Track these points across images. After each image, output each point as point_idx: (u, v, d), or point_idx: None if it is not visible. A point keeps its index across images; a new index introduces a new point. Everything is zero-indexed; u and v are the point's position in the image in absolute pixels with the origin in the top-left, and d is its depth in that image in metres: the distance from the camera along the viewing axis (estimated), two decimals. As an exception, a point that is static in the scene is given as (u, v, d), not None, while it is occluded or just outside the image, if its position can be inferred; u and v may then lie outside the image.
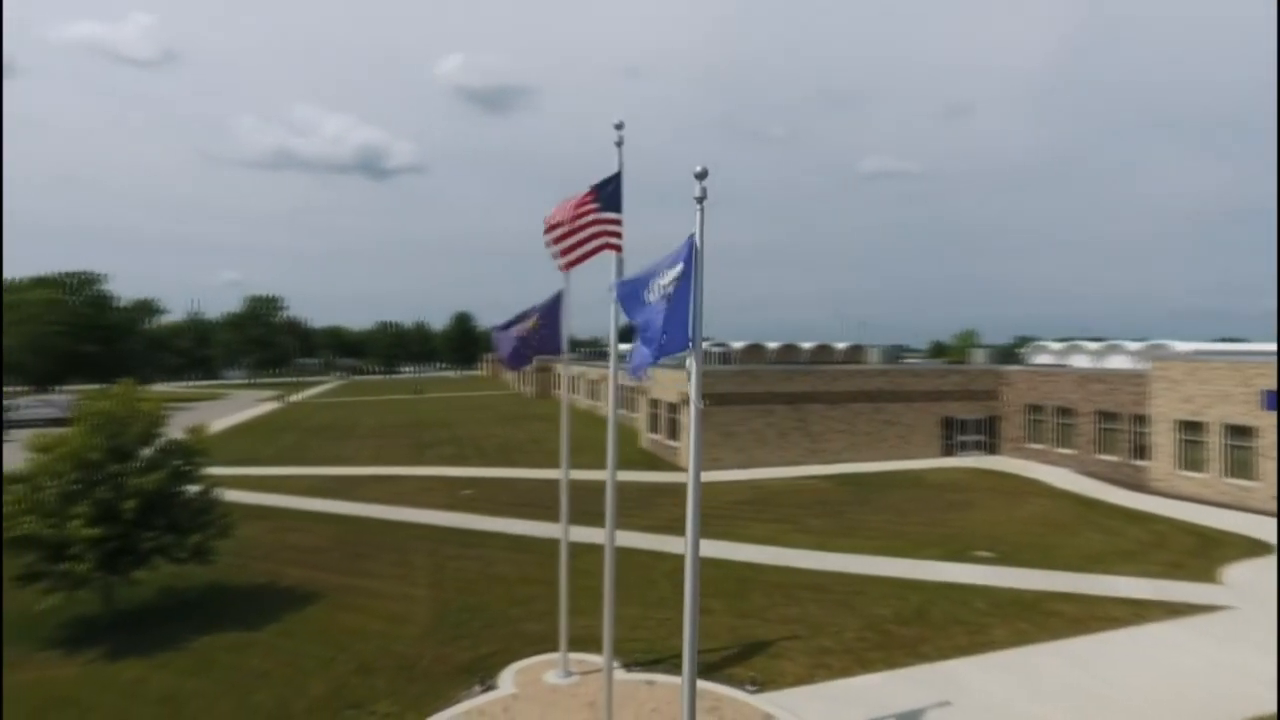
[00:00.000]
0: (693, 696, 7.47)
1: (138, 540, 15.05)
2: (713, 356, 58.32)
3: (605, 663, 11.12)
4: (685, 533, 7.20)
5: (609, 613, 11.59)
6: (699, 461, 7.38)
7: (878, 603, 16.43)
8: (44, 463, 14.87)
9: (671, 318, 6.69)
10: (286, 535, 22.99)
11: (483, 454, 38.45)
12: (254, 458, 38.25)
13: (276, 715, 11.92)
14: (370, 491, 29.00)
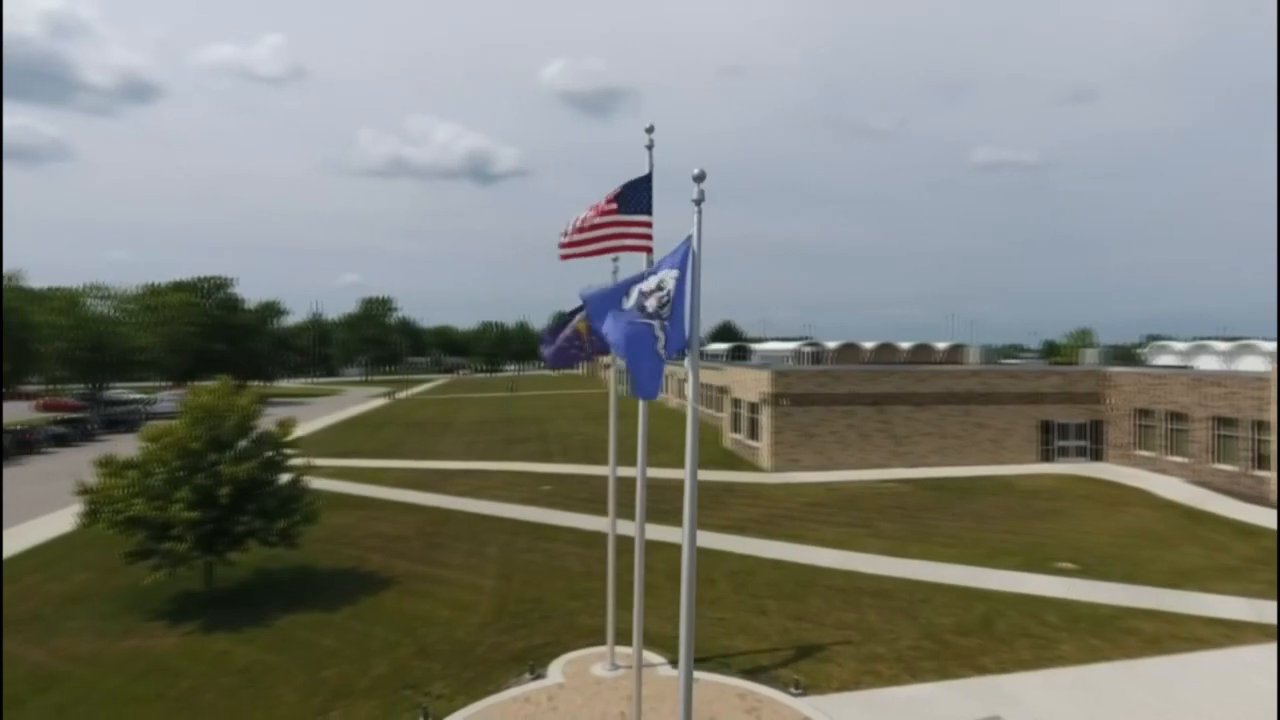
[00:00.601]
0: (688, 693, 7.57)
1: (232, 524, 16.41)
2: (804, 356, 57.40)
3: (635, 658, 11.35)
4: (682, 527, 7.31)
5: (639, 609, 11.80)
6: (695, 460, 7.48)
7: (941, 611, 15.92)
8: (153, 451, 16.45)
9: (670, 322, 6.83)
10: (374, 524, 24.36)
11: (566, 451, 39.35)
12: (358, 450, 40.58)
13: (340, 691, 12.78)
14: (457, 485, 30.29)
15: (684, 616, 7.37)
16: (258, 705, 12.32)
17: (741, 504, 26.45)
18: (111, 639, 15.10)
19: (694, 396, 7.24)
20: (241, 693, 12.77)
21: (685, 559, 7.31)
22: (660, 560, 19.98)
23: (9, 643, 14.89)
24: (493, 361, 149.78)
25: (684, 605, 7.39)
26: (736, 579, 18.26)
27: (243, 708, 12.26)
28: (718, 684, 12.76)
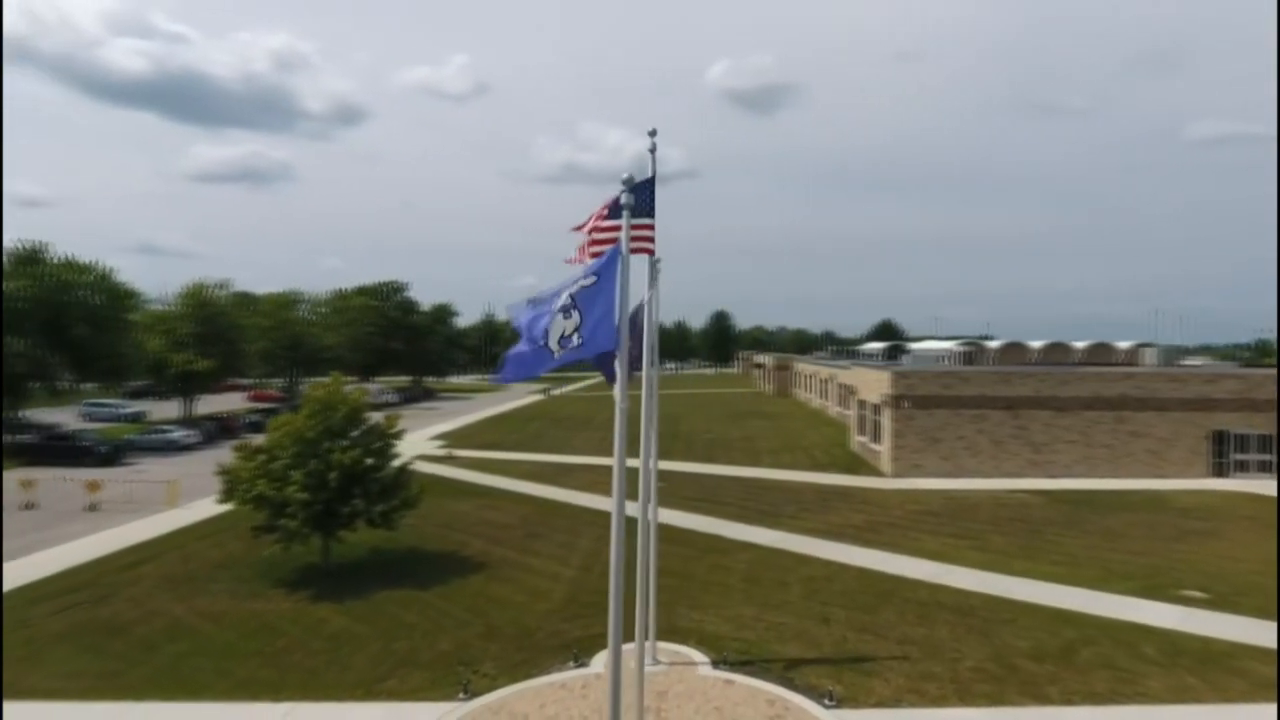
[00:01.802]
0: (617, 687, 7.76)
1: (340, 506, 18.31)
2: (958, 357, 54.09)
3: (637, 653, 11.54)
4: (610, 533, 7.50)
5: (640, 605, 11.96)
6: (623, 461, 7.64)
7: (1021, 634, 14.75)
8: (275, 439, 18.68)
9: (588, 321, 7.07)
10: (488, 512, 25.99)
11: (690, 449, 39.67)
12: (498, 443, 43.21)
13: (404, 661, 13.97)
14: (573, 479, 31.54)
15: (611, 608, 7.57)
16: (331, 667, 13.76)
17: (847, 509, 25.59)
18: (239, 600, 17.35)
19: (621, 395, 7.43)
20: (323, 655, 14.30)
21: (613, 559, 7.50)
22: (741, 561, 19.95)
23: (164, 598, 17.53)
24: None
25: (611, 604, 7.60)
26: (811, 585, 17.84)
27: (319, 668, 13.74)
28: (750, 688, 12.66)
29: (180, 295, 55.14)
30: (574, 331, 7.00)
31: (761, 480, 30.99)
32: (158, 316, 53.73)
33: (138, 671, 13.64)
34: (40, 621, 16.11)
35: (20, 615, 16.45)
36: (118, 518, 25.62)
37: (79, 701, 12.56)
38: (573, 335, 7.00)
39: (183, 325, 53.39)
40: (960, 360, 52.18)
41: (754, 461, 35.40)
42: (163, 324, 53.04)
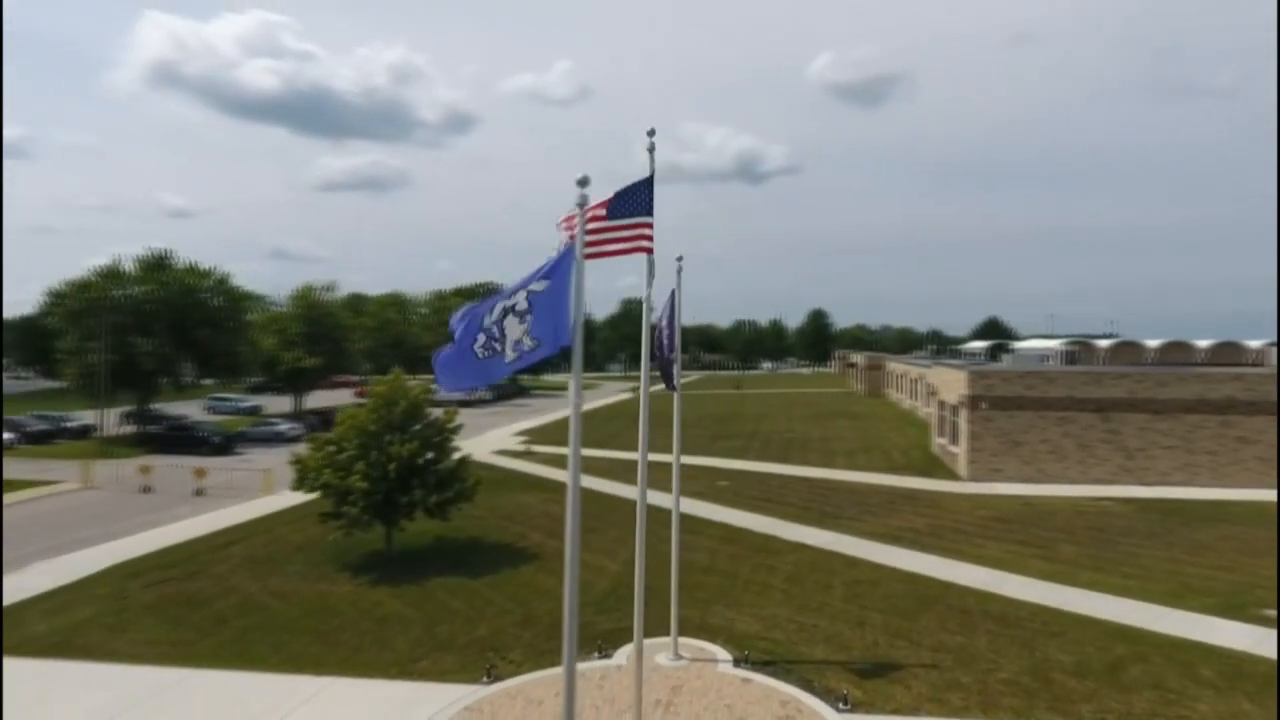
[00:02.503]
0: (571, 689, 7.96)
1: (399, 495, 19.33)
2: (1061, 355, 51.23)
3: (635, 648, 11.70)
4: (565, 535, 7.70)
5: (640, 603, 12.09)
6: (577, 465, 7.82)
7: (1068, 647, 13.98)
8: (341, 431, 19.90)
9: (541, 324, 7.30)
10: (551, 506, 26.67)
11: (764, 449, 39.30)
12: (576, 440, 44.10)
13: (441, 644, 14.67)
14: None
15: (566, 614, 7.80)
16: (374, 647, 14.61)
17: (912, 512, 24.79)
18: (308, 581, 18.61)
19: (575, 392, 7.65)
20: (369, 635, 15.20)
21: (568, 565, 7.73)
22: (788, 562, 19.73)
23: (243, 576, 19.02)
24: (746, 359, 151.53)
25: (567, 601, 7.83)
26: (855, 588, 17.47)
27: (364, 647, 14.62)
28: (766, 687, 12.61)
29: (291, 297, 59.16)
30: (525, 334, 7.26)
31: (831, 481, 30.39)
32: (271, 317, 57.83)
33: (206, 642, 14.92)
34: (134, 593, 17.82)
35: (118, 587, 18.25)
36: (219, 502, 27.85)
37: (150, 666, 13.85)
38: (524, 339, 7.26)
39: (293, 325, 57.20)
40: (1064, 360, 49.33)
41: (827, 462, 34.71)
42: (275, 324, 57.02)
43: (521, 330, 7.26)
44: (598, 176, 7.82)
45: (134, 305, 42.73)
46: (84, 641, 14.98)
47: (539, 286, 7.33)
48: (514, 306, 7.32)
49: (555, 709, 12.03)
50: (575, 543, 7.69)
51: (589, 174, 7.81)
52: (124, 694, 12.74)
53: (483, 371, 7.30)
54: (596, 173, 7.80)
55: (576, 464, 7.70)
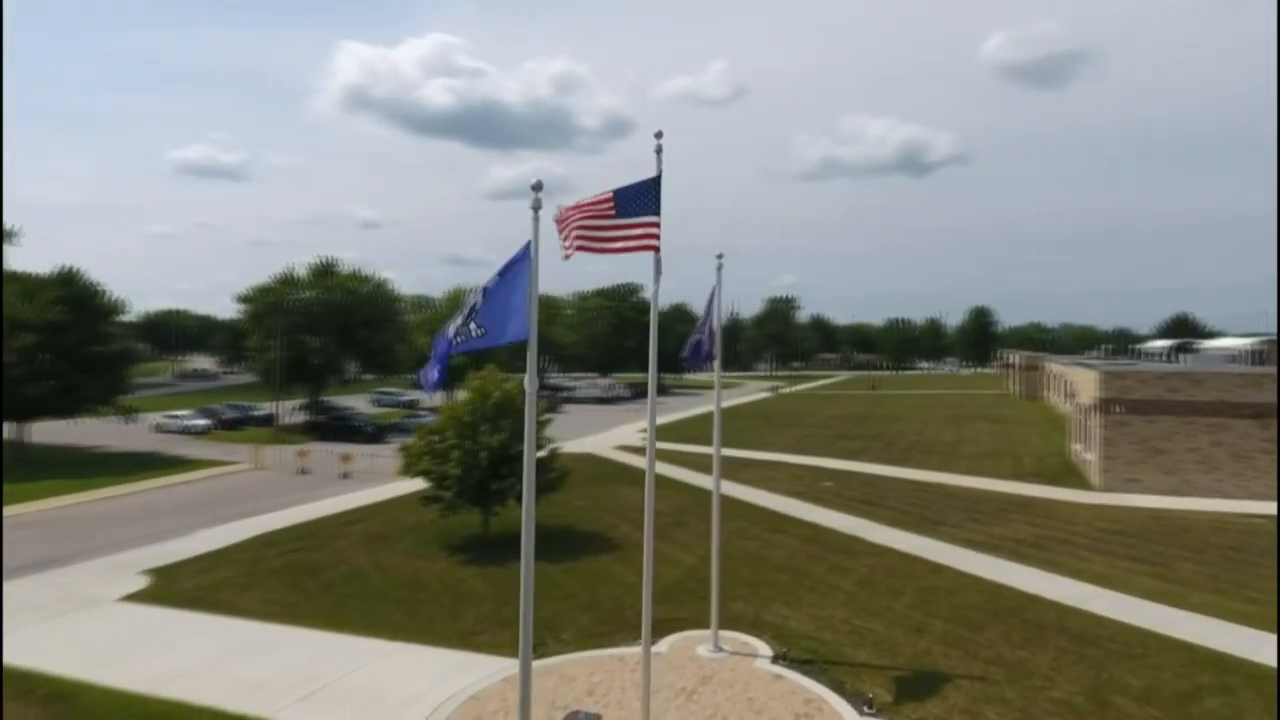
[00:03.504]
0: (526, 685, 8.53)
1: (490, 483, 20.75)
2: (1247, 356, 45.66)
3: (644, 642, 12.03)
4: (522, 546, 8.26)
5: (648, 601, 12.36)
6: (533, 467, 8.34)
7: (1144, 671, 12.85)
8: (441, 422, 21.62)
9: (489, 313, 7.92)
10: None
11: (883, 451, 37.91)
12: (698, 438, 44.52)
13: (505, 621, 15.71)
14: (746, 473, 31.91)
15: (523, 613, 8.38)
16: (447, 619, 15.93)
17: (1021, 521, 23.24)
18: (410, 558, 20.43)
19: (531, 386, 8.23)
20: (446, 609, 16.56)
21: (524, 569, 8.32)
22: (865, 565, 19.30)
23: (357, 550, 21.16)
24: (899, 359, 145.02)
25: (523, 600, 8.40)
26: (928, 595, 16.83)
27: (438, 618, 15.99)
28: (795, 685, 12.60)
29: (443, 299, 63.78)
30: (472, 322, 7.94)
31: (944, 486, 28.99)
32: (426, 317, 62.69)
33: (311, 604, 16.88)
34: (266, 560, 20.34)
35: (255, 554, 20.88)
36: (359, 485, 30.87)
37: (261, 621, 15.90)
38: (471, 326, 7.94)
39: (444, 325, 61.76)
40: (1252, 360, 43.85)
41: (947, 466, 33.03)
42: (430, 324, 61.74)
43: (470, 319, 7.95)
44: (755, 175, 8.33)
45: (304, 307, 47.88)
46: (217, 597, 17.39)
47: (492, 283, 8.01)
48: (475, 305, 8.05)
49: (585, 686, 12.70)
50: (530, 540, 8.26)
51: (745, 172, 8.33)
52: (234, 642, 14.77)
53: (441, 363, 8.05)
54: (753, 171, 8.33)
55: (532, 469, 8.27)
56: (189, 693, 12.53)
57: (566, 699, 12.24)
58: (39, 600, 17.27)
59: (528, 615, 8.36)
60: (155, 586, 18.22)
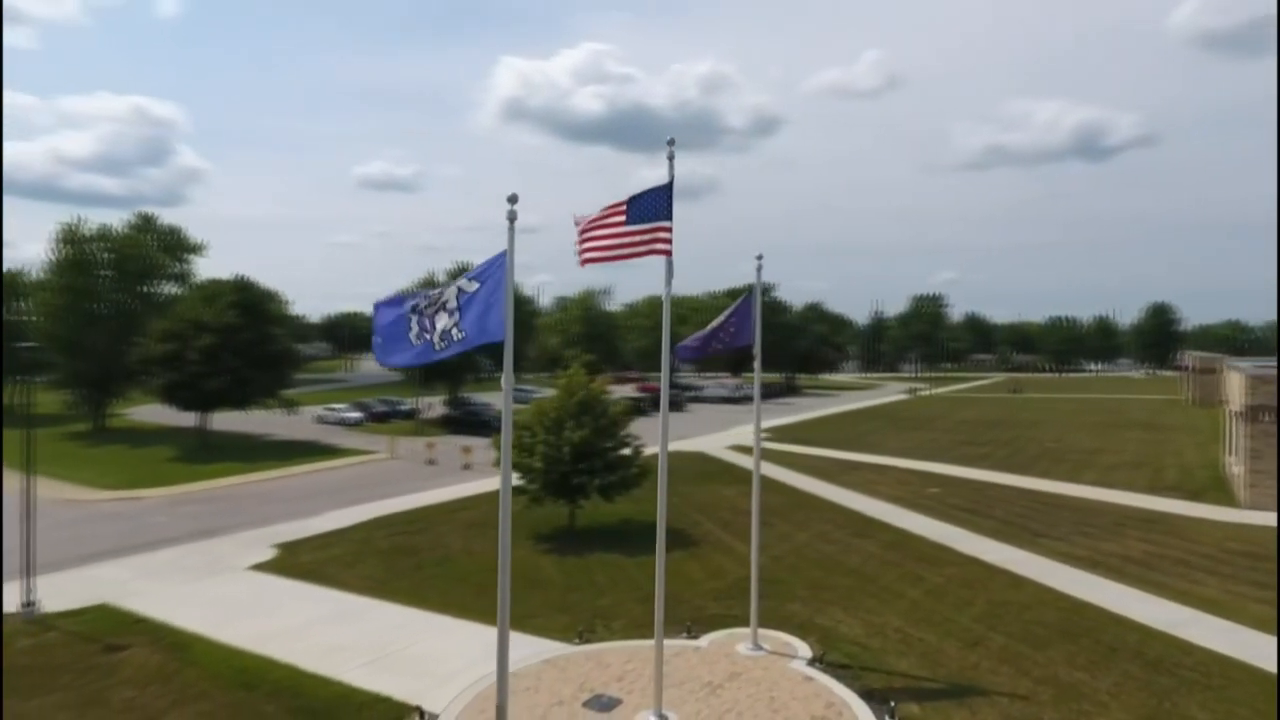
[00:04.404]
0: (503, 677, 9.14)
1: (571, 476, 21.76)
2: None
3: (656, 636, 12.32)
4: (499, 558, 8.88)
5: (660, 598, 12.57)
6: (508, 475, 8.97)
7: (1214, 704, 11.72)
8: (528, 417, 22.87)
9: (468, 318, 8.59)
10: (742, 500, 27.29)
11: (1007, 458, 35.66)
12: (815, 439, 43.83)
13: (564, 607, 16.59)
14: (849, 477, 31.18)
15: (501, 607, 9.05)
16: (515, 598, 16.77)
17: (1137, 537, 21.38)
18: (488, 544, 21.54)
19: (507, 383, 8.90)
20: (516, 590, 17.39)
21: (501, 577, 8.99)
22: (942, 575, 18.69)
23: (454, 536, 22.82)
24: (1062, 359, 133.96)
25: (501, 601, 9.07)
26: (997, 609, 16.03)
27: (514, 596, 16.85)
28: (821, 688, 12.55)
29: (572, 301, 66.34)
30: (454, 327, 8.68)
31: (1062, 497, 27.03)
32: (557, 319, 65.46)
33: (399, 582, 18.51)
34: (375, 541, 22.38)
35: (367, 534, 23.01)
36: (477, 476, 33.01)
37: (355, 594, 17.64)
38: (453, 330, 8.69)
39: (574, 326, 64.19)
40: None
41: (1074, 476, 30.66)
42: (561, 326, 64.46)
43: (451, 323, 8.70)
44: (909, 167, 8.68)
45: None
46: (325, 571, 19.43)
47: (469, 287, 8.74)
48: (445, 303, 8.80)
49: (617, 672, 13.28)
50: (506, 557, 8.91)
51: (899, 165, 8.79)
52: (328, 611, 16.55)
53: (416, 354, 8.86)
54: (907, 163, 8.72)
55: (507, 477, 8.94)
56: (278, 651, 14.26)
57: (595, 682, 12.87)
58: (185, 565, 20.05)
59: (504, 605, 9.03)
60: (279, 558, 20.59)
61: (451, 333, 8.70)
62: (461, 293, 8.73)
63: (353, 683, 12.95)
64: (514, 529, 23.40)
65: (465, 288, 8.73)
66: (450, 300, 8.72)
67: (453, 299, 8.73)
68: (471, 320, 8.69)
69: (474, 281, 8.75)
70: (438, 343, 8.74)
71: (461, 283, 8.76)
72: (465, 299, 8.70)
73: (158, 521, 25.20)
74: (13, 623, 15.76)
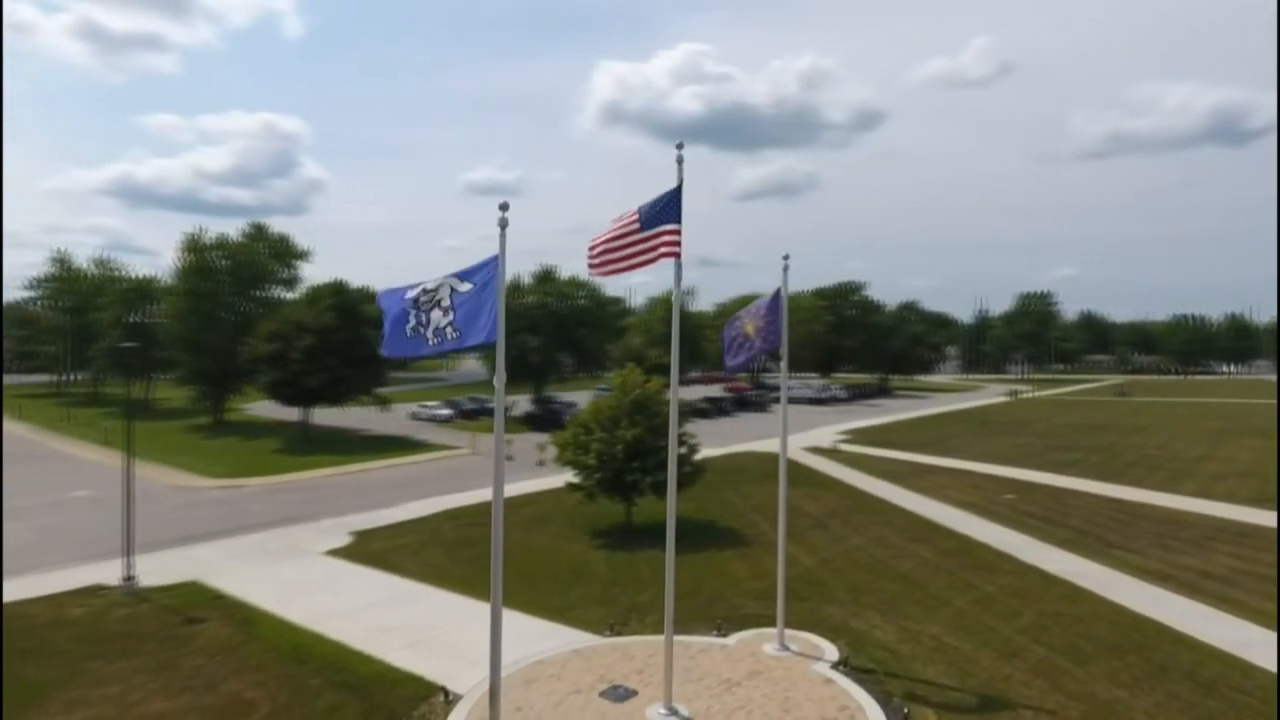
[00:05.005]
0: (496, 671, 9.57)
1: (624, 474, 22.21)
2: None
3: (666, 631, 12.48)
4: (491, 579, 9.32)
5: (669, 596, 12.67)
6: (501, 473, 9.41)
7: (1265, 730, 10.95)
8: (585, 416, 23.46)
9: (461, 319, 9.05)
10: (805, 501, 27.17)
11: (1101, 466, 33.65)
12: (896, 442, 42.67)
13: (604, 600, 17.03)
14: (921, 481, 30.29)
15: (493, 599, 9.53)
16: (555, 594, 17.57)
17: (1225, 552, 19.99)
18: (556, 539, 22.50)
19: (499, 381, 9.36)
20: (560, 585, 18.23)
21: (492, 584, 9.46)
22: (995, 584, 18.23)
23: (517, 529, 23.66)
24: (1186, 360, 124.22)
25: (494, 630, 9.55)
26: (1046, 621, 15.40)
27: (549, 592, 17.69)
28: (838, 691, 12.50)
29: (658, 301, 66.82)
30: (448, 325, 9.18)
31: (1148, 507, 25.40)
32: (641, 319, 66.15)
33: (457, 570, 19.45)
34: (442, 531, 23.52)
35: (435, 526, 24.18)
36: (549, 472, 33.89)
37: (413, 580, 18.67)
38: (447, 329, 9.19)
39: (658, 326, 64.66)
40: None
41: (1170, 486, 28.69)
42: (643, 326, 65.11)
43: (445, 322, 9.19)
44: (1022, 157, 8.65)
45: (524, 310, 53.00)
46: (391, 558, 20.62)
47: (462, 287, 9.23)
48: (439, 301, 9.31)
49: (639, 664, 13.59)
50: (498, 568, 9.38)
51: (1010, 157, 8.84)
52: (385, 595, 17.63)
53: (411, 346, 9.40)
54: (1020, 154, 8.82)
55: (500, 484, 9.40)
56: (332, 629, 15.35)
57: (617, 674, 13.24)
58: (267, 548, 21.71)
59: (497, 598, 9.51)
60: (352, 545, 21.99)
61: (445, 330, 9.20)
62: (454, 291, 9.23)
63: (392, 662, 13.82)
64: (572, 525, 24.29)
65: (457, 286, 9.22)
66: (444, 298, 9.22)
67: (446, 297, 9.23)
68: (464, 320, 9.19)
69: (465, 281, 9.23)
70: (431, 338, 9.27)
71: (453, 281, 9.26)
72: (458, 299, 9.19)
73: (254, 508, 27.29)
74: (112, 595, 17.59)
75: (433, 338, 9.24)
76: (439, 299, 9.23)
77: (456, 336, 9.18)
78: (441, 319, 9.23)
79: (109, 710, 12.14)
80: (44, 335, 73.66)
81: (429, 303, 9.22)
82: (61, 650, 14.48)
